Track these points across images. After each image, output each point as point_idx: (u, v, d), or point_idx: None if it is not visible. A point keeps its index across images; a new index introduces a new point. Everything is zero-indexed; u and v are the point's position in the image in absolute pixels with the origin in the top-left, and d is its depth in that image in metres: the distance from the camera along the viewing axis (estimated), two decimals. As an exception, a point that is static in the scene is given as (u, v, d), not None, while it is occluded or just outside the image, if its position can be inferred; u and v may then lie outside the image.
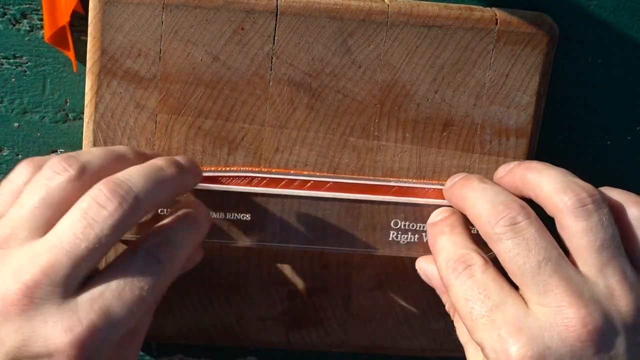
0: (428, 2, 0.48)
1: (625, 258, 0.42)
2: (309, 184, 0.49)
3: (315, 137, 0.49)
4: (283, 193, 0.49)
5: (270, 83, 0.48)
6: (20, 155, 0.51)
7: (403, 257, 0.52)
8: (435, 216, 0.49)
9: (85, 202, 0.40)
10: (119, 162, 0.43)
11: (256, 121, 0.49)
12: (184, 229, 0.44)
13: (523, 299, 0.42)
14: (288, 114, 0.49)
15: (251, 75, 0.48)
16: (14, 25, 0.49)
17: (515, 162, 0.48)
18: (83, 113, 0.49)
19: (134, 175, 0.42)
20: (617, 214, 0.44)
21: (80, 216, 0.40)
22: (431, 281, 0.49)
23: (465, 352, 0.48)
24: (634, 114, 0.54)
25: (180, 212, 0.45)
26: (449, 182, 0.49)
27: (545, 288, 0.41)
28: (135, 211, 0.41)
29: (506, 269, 0.43)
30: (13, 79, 0.50)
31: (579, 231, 0.42)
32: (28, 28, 0.49)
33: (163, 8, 0.46)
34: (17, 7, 0.49)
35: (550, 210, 0.43)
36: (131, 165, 0.43)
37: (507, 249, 0.42)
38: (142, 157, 0.45)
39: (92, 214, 0.40)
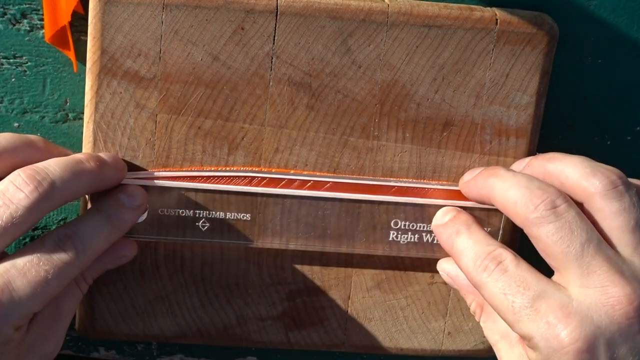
0: (428, 2, 0.48)
1: None
2: (309, 184, 0.49)
3: (315, 137, 0.49)
4: (283, 193, 0.49)
5: (270, 83, 0.48)
6: (20, 155, 0.51)
7: (403, 257, 0.52)
8: (441, 217, 0.49)
9: (3, 184, 0.43)
10: (28, 147, 0.46)
11: (256, 121, 0.49)
12: (96, 223, 0.46)
13: (560, 284, 0.43)
14: (288, 114, 0.49)
15: (251, 75, 0.48)
16: (14, 25, 0.49)
17: (530, 157, 0.48)
18: (83, 113, 0.49)
19: (52, 164, 0.44)
20: None
21: None
22: (456, 282, 0.50)
23: (497, 352, 0.48)
24: (634, 114, 0.54)
25: (98, 205, 0.47)
26: (469, 175, 0.49)
27: (589, 269, 0.42)
28: (50, 196, 0.43)
29: (546, 253, 0.43)
30: (13, 79, 0.50)
31: (613, 212, 0.43)
32: (28, 28, 0.49)
33: (163, 8, 0.46)
34: (17, 7, 0.49)
35: (579, 195, 0.44)
36: (41, 153, 0.46)
37: (549, 233, 0.42)
38: (52, 147, 0.47)
39: (9, 195, 0.42)
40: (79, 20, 0.49)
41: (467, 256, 0.45)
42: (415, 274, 0.52)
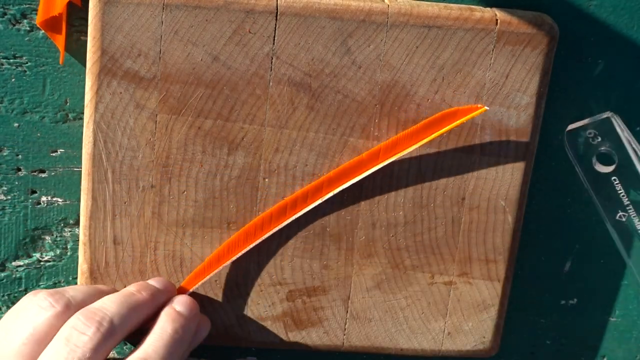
0: (428, 3, 0.48)
1: None
2: (307, 199, 0.49)
3: (315, 137, 0.49)
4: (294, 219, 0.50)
5: (270, 83, 0.48)
6: (20, 156, 0.51)
7: (403, 257, 0.52)
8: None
9: (67, 331, 0.43)
10: (99, 297, 0.47)
11: (256, 121, 0.49)
12: (162, 345, 0.46)
13: None
14: (288, 114, 0.49)
15: (251, 75, 0.48)
16: (14, 25, 0.49)
17: None
18: (83, 113, 0.49)
19: (107, 302, 0.46)
20: None
21: (63, 344, 0.43)
22: None
23: None
24: (634, 114, 0.54)
25: (158, 326, 0.47)
26: None
27: None
28: (112, 334, 0.44)
29: None
30: (13, 79, 0.50)
31: None
32: (28, 28, 0.49)
33: (163, 8, 0.46)
34: (17, 7, 0.49)
35: None
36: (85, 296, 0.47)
37: None
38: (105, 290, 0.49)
39: (74, 340, 0.43)
40: (79, 20, 0.49)
41: None
42: (415, 274, 0.52)
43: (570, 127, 0.52)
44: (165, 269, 0.51)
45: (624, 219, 0.54)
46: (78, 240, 0.52)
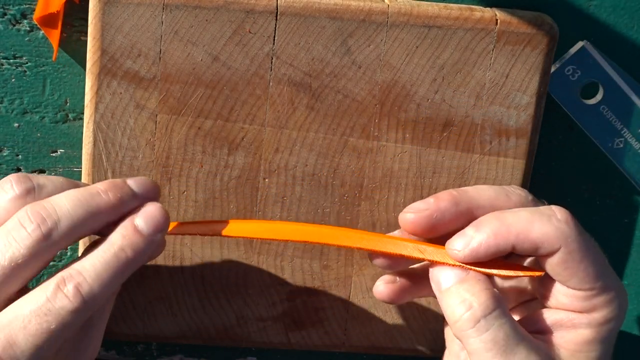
0: (428, 2, 0.48)
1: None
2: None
3: (315, 137, 0.49)
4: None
5: (270, 83, 0.48)
6: (20, 156, 0.51)
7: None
8: (445, 278, 0.44)
9: (12, 221, 0.40)
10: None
11: (256, 121, 0.49)
12: (104, 260, 0.41)
13: None
14: (288, 114, 0.49)
15: (251, 75, 0.48)
16: (14, 25, 0.49)
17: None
18: (83, 113, 0.49)
19: (63, 198, 0.41)
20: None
21: (4, 234, 0.40)
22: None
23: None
24: (634, 114, 0.54)
25: (108, 238, 0.42)
26: (460, 244, 0.44)
27: None
28: (54, 235, 0.40)
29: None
30: (13, 79, 0.50)
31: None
32: (28, 28, 0.49)
33: (163, 8, 0.46)
34: (17, 7, 0.49)
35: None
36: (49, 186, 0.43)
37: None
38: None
39: (14, 233, 0.40)
40: (79, 21, 0.49)
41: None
42: (415, 274, 0.52)
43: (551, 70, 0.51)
44: (166, 269, 0.51)
45: (621, 145, 0.53)
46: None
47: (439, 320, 0.54)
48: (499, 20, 0.48)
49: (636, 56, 0.53)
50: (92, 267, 0.41)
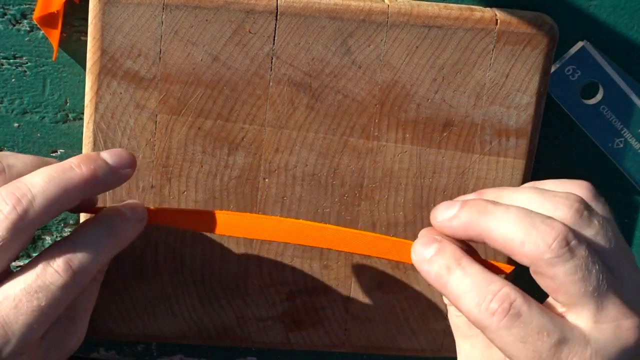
0: (428, 2, 0.48)
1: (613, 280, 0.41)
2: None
3: (316, 137, 0.49)
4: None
5: (270, 83, 0.48)
6: (20, 156, 0.51)
7: (403, 257, 0.52)
8: (422, 250, 0.43)
9: None
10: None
11: (256, 121, 0.49)
12: (95, 238, 0.42)
13: (572, 322, 0.41)
14: (288, 114, 0.49)
15: (251, 75, 0.48)
16: (14, 25, 0.49)
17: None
18: (83, 113, 0.49)
19: (36, 176, 0.41)
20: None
21: None
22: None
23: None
24: (634, 114, 0.54)
25: (99, 217, 0.43)
26: (445, 212, 0.43)
27: (603, 305, 0.40)
28: (29, 213, 0.40)
29: (560, 292, 0.40)
30: (13, 79, 0.50)
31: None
32: (28, 28, 0.49)
33: (163, 8, 0.46)
34: (17, 7, 0.49)
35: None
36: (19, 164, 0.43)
37: (567, 272, 0.39)
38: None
39: None
40: (79, 21, 0.49)
41: (468, 298, 0.41)
42: (416, 275, 0.52)
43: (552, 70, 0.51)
44: (166, 269, 0.51)
45: (621, 145, 0.53)
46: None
47: (439, 320, 0.54)
48: (499, 20, 0.48)
49: (636, 56, 0.53)
50: (86, 247, 0.42)
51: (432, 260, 0.42)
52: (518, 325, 0.40)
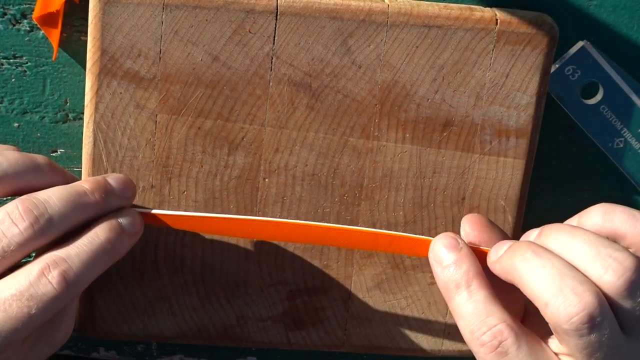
0: (428, 2, 0.48)
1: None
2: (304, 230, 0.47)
3: (316, 137, 0.49)
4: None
5: (270, 83, 0.48)
6: (20, 155, 0.51)
7: (403, 257, 0.52)
8: (442, 254, 0.44)
9: (1, 214, 0.41)
10: (33, 171, 0.44)
11: (256, 121, 0.49)
12: (93, 250, 0.43)
13: None
14: (288, 114, 0.49)
15: (251, 75, 0.48)
16: (14, 25, 0.49)
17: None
18: (83, 113, 0.49)
19: (53, 197, 0.42)
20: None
21: None
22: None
23: None
24: (634, 114, 0.54)
25: (97, 230, 0.44)
26: (495, 254, 0.44)
27: None
28: (46, 233, 0.41)
29: (567, 350, 0.40)
30: (13, 79, 0.50)
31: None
32: (28, 28, 0.49)
33: (163, 8, 0.46)
34: (17, 7, 0.49)
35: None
36: (46, 177, 0.44)
37: (579, 346, 0.39)
38: (57, 173, 0.45)
39: (4, 228, 0.41)
40: (79, 20, 0.49)
41: (465, 322, 0.42)
42: (416, 275, 0.52)
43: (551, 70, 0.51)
44: (166, 269, 0.51)
45: (621, 145, 0.53)
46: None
47: (439, 320, 0.54)
48: (499, 20, 0.48)
49: (636, 56, 0.53)
50: (77, 255, 0.42)
51: (446, 268, 0.44)
52: None
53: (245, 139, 0.49)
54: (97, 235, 0.43)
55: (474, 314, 0.42)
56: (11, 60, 0.50)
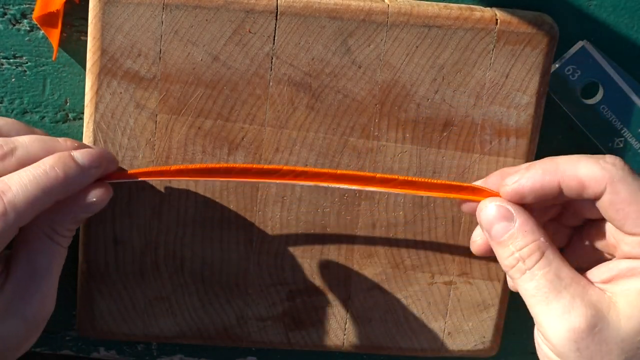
0: (428, 2, 0.48)
1: None
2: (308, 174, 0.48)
3: (315, 137, 0.49)
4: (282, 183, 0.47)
5: (270, 83, 0.48)
6: (20, 155, 0.51)
7: (403, 257, 0.52)
8: (494, 220, 0.45)
9: None
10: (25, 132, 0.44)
11: (256, 121, 0.49)
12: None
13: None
14: (288, 114, 0.49)
15: (251, 75, 0.48)
16: (14, 25, 0.49)
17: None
18: (83, 113, 0.49)
19: (16, 184, 0.41)
20: None
21: None
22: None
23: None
24: (634, 114, 0.54)
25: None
26: (511, 179, 0.45)
27: None
28: (10, 220, 0.40)
29: (624, 216, 0.43)
30: (13, 79, 0.50)
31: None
32: (28, 28, 0.49)
33: (163, 8, 0.46)
34: (17, 7, 0.49)
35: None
36: (11, 129, 0.44)
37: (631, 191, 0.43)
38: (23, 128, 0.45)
39: None
40: (79, 20, 0.49)
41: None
42: (415, 274, 0.52)
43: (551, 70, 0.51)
44: (166, 269, 0.51)
45: (621, 145, 0.53)
46: (78, 240, 0.52)
47: (439, 320, 0.54)
48: (499, 20, 0.48)
49: (636, 56, 0.53)
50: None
51: (504, 243, 0.45)
52: None
53: (245, 138, 0.49)
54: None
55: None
56: (11, 60, 0.50)
